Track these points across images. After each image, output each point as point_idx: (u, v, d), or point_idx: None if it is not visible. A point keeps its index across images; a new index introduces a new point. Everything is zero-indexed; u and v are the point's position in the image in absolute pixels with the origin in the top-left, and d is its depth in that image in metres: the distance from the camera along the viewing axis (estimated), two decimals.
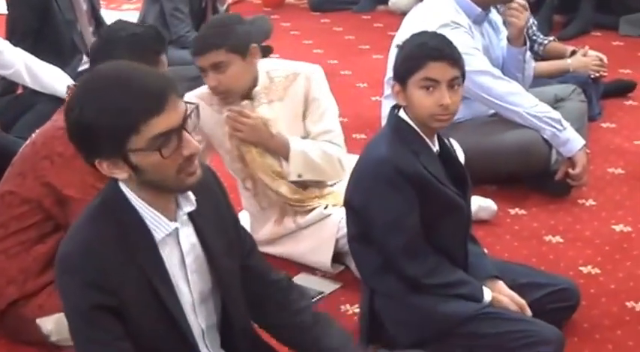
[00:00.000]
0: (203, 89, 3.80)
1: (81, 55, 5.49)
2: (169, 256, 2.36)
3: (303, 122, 3.81)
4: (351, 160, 3.98)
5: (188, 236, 2.41)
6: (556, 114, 4.28)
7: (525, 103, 4.28)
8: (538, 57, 5.50)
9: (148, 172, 2.23)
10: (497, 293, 3.06)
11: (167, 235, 2.34)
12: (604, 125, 5.29)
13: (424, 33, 3.13)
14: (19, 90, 5.14)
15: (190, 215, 2.40)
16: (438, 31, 4.03)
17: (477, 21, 4.44)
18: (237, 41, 3.61)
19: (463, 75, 3.03)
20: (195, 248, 2.43)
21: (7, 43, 4.84)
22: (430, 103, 2.96)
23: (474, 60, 4.23)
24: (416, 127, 3.02)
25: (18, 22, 5.26)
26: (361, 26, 7.78)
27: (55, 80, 4.86)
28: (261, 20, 6.74)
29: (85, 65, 5.50)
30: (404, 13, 7.55)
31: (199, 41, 3.67)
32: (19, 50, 4.82)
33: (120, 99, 2.16)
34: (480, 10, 4.40)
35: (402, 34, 4.44)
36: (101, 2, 8.69)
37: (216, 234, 2.47)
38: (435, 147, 3.08)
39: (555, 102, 4.71)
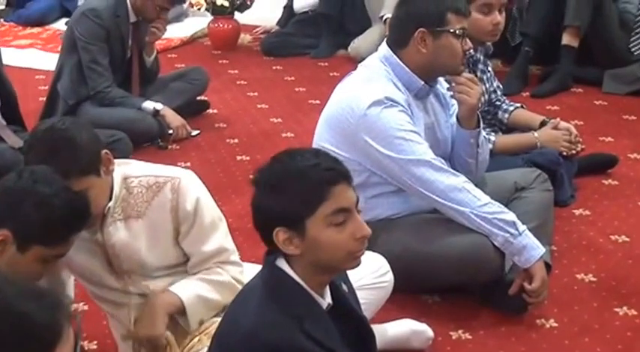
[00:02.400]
0: None
1: None
2: None
3: (176, 243, 3.00)
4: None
5: None
6: (510, 216, 3.49)
7: (473, 203, 3.48)
8: (503, 126, 4.72)
9: None
10: None
11: None
12: (577, 212, 4.48)
13: (296, 153, 2.36)
14: None
15: None
16: (369, 109, 3.47)
17: (420, 95, 3.67)
18: (85, 159, 2.81)
19: None
20: None
21: None
22: (346, 240, 2.29)
23: (412, 146, 3.50)
24: (301, 282, 2.28)
25: None
26: (315, 75, 6.96)
27: None
28: (194, 73, 5.97)
29: None
30: (363, 59, 6.88)
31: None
32: None
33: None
34: (422, 82, 3.62)
35: (329, 109, 3.69)
36: (37, 42, 8.00)
37: None
38: (327, 301, 2.35)
39: (515, 192, 3.93)
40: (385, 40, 3.74)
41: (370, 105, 3.49)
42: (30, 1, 8.66)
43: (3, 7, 9.02)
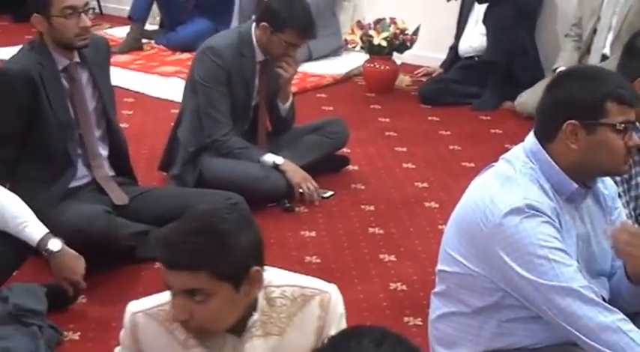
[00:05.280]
0: (159, 300, 2.47)
1: (74, 169, 4.27)
2: None
3: None
4: None
5: None
6: None
7: (629, 348, 2.77)
8: None
9: None
10: None
11: None
12: None
13: (353, 336, 1.77)
14: None
15: None
16: (506, 218, 2.80)
17: (573, 199, 2.97)
18: (231, 264, 2.32)
19: None
20: None
21: None
22: None
23: (556, 269, 2.82)
24: None
25: None
26: (475, 131, 6.26)
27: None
28: (332, 125, 5.36)
29: (81, 180, 4.32)
30: (531, 117, 6.17)
31: (167, 246, 2.32)
32: None
33: None
34: (576, 185, 2.92)
35: (460, 210, 3.05)
36: (182, 70, 7.45)
37: None
38: None
39: None
40: (532, 129, 3.04)
41: (507, 213, 2.84)
42: (181, 25, 8.15)
43: (156, 27, 8.57)
